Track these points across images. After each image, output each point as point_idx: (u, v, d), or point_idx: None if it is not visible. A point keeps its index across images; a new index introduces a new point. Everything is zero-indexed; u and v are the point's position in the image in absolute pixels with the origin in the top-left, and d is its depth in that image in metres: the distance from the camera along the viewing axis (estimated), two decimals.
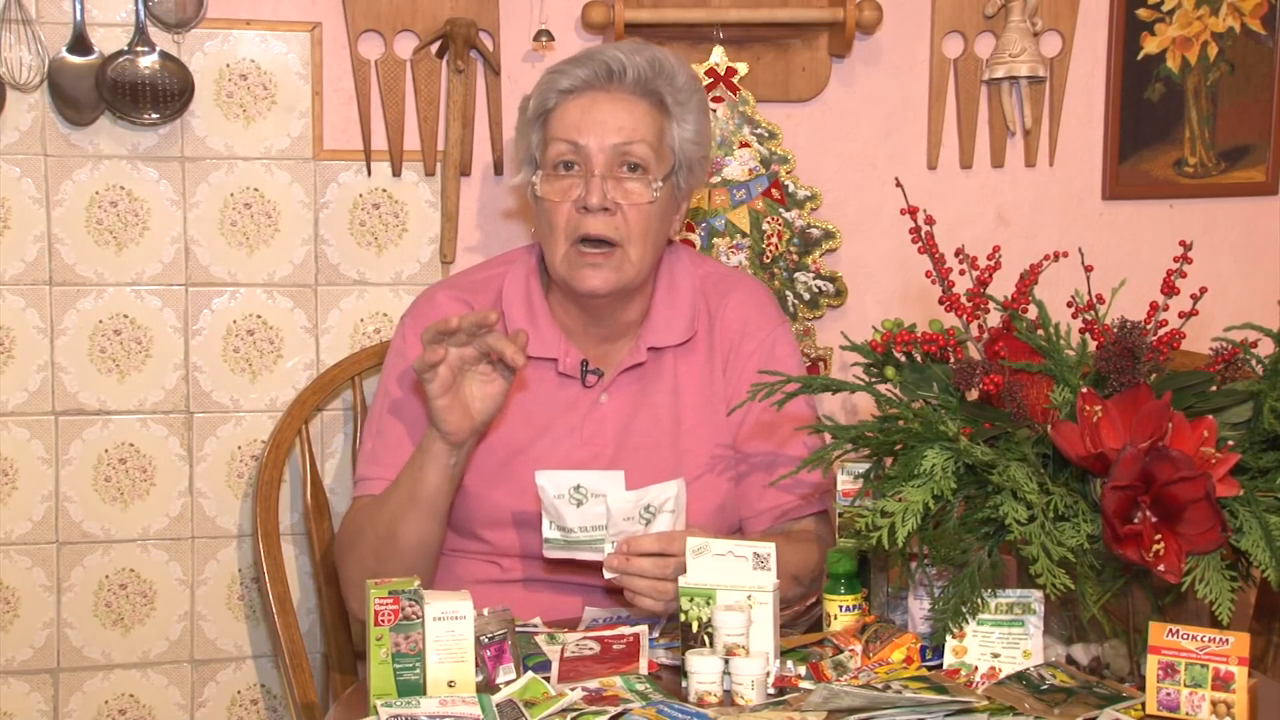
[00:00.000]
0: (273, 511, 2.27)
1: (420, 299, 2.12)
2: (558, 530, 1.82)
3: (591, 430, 2.01)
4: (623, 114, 1.97)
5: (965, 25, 2.57)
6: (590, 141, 1.96)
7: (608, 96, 1.98)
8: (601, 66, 1.98)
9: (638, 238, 1.97)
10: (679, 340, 2.06)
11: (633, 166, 1.97)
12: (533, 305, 2.05)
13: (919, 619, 1.75)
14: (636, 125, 1.97)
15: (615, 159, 1.97)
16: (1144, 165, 2.66)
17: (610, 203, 1.95)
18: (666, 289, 2.08)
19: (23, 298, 2.31)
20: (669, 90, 2.00)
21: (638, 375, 2.05)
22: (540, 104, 2.02)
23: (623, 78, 1.98)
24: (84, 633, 2.37)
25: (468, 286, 2.09)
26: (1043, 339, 1.76)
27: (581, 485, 1.81)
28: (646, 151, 1.97)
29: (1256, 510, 1.60)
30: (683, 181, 2.05)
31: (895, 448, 1.73)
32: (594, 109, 1.97)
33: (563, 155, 1.98)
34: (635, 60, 1.98)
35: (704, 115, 2.06)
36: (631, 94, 1.99)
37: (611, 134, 1.96)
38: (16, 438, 2.32)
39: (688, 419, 2.04)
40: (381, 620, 1.58)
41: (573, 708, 1.56)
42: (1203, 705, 1.56)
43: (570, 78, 1.99)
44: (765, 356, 2.06)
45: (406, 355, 2.04)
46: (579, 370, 2.03)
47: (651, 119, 1.99)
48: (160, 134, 2.33)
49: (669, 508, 1.81)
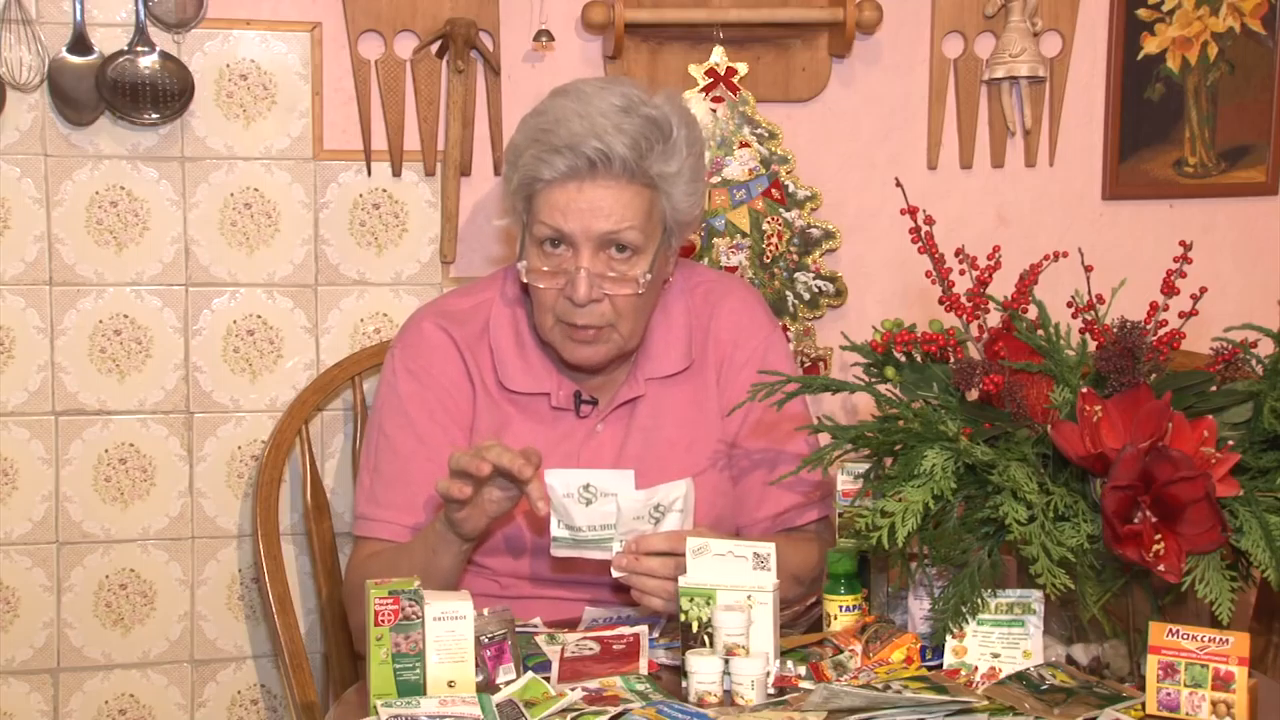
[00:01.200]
0: (273, 511, 2.27)
1: (408, 329, 2.08)
2: (566, 529, 1.81)
3: (589, 458, 2.00)
4: (611, 201, 1.90)
5: (965, 25, 2.57)
6: (575, 228, 1.90)
7: (593, 184, 1.90)
8: (583, 160, 1.88)
9: (629, 317, 1.95)
10: (676, 370, 2.05)
11: (621, 248, 1.93)
12: (521, 339, 2.03)
13: (919, 619, 1.75)
14: (624, 212, 1.90)
15: (603, 244, 1.92)
16: (1144, 165, 2.66)
17: (597, 294, 1.92)
18: (662, 318, 2.06)
19: (23, 298, 2.31)
20: (658, 164, 1.92)
21: (632, 404, 2.04)
22: (522, 184, 1.95)
23: (610, 166, 1.89)
24: (84, 633, 2.37)
25: (455, 317, 2.06)
26: (1043, 339, 1.76)
27: (591, 484, 1.81)
28: (636, 236, 1.92)
29: (1256, 510, 1.60)
30: (675, 241, 2.01)
31: (895, 448, 1.73)
32: (579, 197, 1.90)
33: (548, 236, 1.93)
34: (618, 150, 1.88)
35: (698, 174, 1.99)
36: (619, 180, 1.90)
37: (599, 222, 1.90)
38: (16, 438, 2.32)
39: (683, 439, 2.04)
40: (381, 620, 1.58)
41: (573, 708, 1.56)
42: (1203, 705, 1.56)
43: (552, 169, 1.90)
44: (759, 364, 2.04)
45: (398, 389, 2.03)
46: (572, 403, 2.03)
47: (640, 200, 1.92)
48: (160, 134, 2.33)
49: (678, 507, 1.80)
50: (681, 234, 2.02)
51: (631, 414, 2.04)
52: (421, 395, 2.02)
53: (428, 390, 2.02)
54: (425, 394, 2.02)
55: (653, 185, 1.94)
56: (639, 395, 2.03)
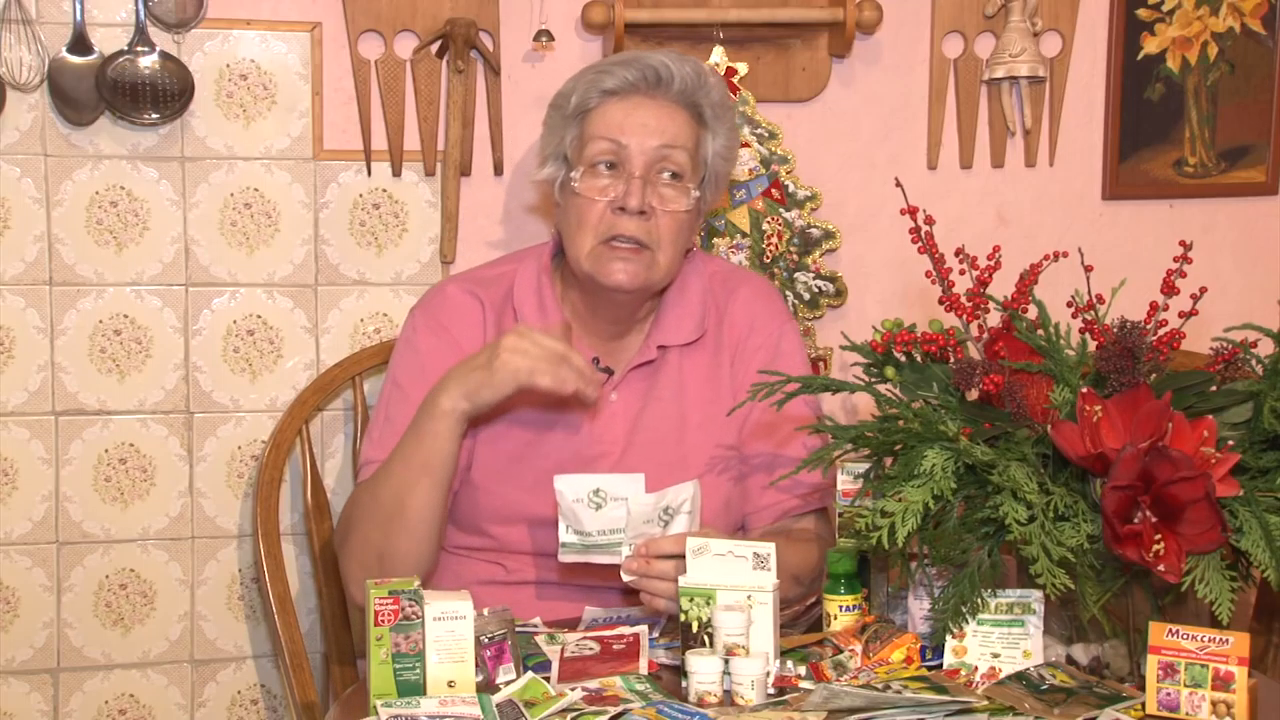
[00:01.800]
0: (273, 511, 2.27)
1: (432, 292, 2.13)
2: (575, 535, 1.81)
3: (601, 427, 2.01)
4: (666, 119, 1.99)
5: (965, 25, 2.57)
6: (632, 142, 1.97)
7: (651, 102, 2.00)
8: (650, 70, 1.99)
9: (668, 243, 1.99)
10: (689, 339, 2.06)
11: (672, 174, 1.99)
12: (544, 303, 2.05)
13: (919, 619, 1.75)
14: (678, 132, 2.00)
15: (655, 163, 1.98)
16: (1144, 165, 2.66)
17: (647, 206, 1.96)
18: (677, 287, 2.08)
19: (23, 298, 2.31)
20: (708, 103, 2.03)
21: (647, 373, 2.05)
22: (582, 102, 2.02)
23: (670, 85, 2.00)
24: (84, 633, 2.37)
25: (479, 281, 2.10)
26: (1043, 339, 1.76)
27: (601, 489, 1.80)
28: (685, 159, 2.00)
29: (1256, 510, 1.60)
30: (709, 194, 2.07)
31: (895, 448, 1.73)
32: (637, 111, 1.99)
33: (603, 154, 1.99)
34: (682, 69, 2.00)
35: (734, 133, 2.10)
36: (674, 102, 2.00)
37: (654, 137, 1.98)
38: (16, 438, 2.32)
39: (695, 415, 2.05)
40: (381, 620, 1.58)
41: (573, 708, 1.56)
42: (1203, 705, 1.56)
43: (615, 78, 2.00)
44: (772, 352, 2.07)
45: (417, 347, 2.05)
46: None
47: (691, 129, 2.02)
48: (160, 134, 2.33)
49: (686, 509, 1.80)
50: (714, 190, 2.09)
51: (648, 384, 2.04)
52: (439, 350, 2.03)
53: (446, 347, 2.03)
54: (443, 349, 2.03)
55: (702, 119, 2.03)
56: (650, 360, 2.04)
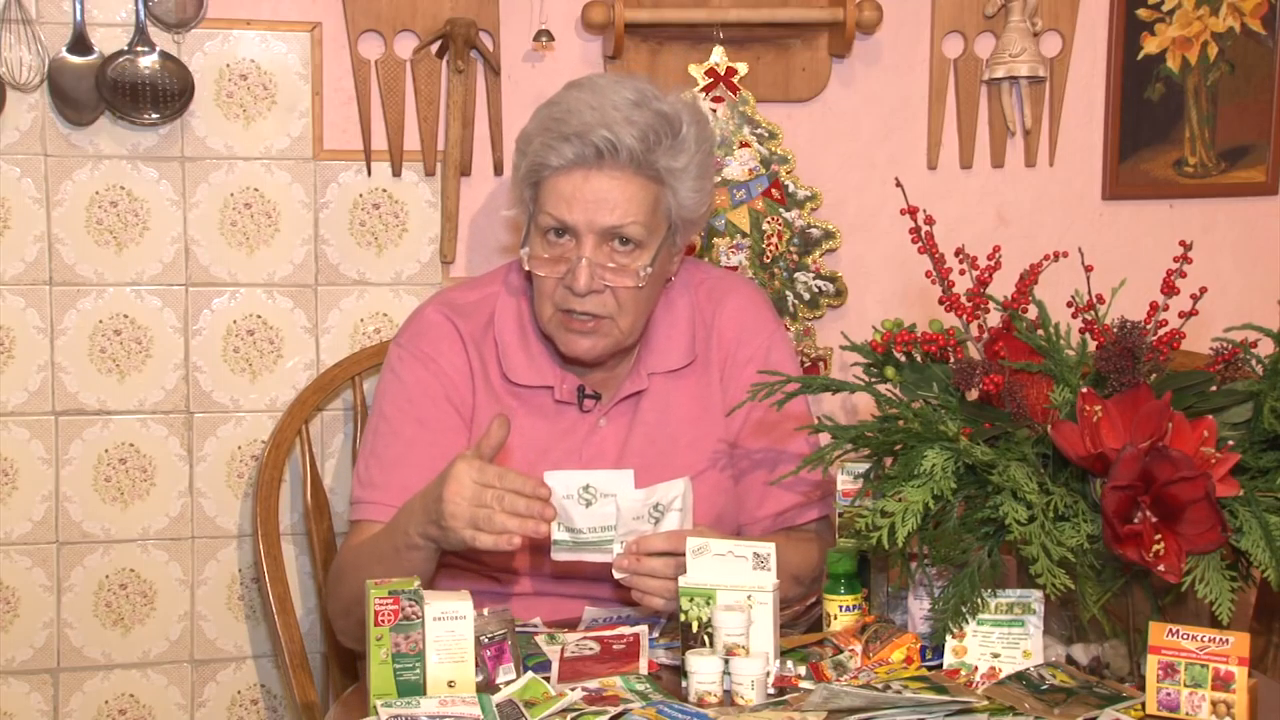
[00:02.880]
0: (273, 511, 2.27)
1: (414, 318, 2.09)
2: (566, 532, 1.81)
3: (591, 454, 2.01)
4: (615, 193, 1.91)
5: (965, 25, 2.57)
6: (579, 220, 1.91)
7: (600, 175, 1.90)
8: (591, 148, 1.89)
9: (628, 310, 1.95)
10: (679, 365, 2.05)
11: (624, 240, 1.93)
12: (526, 333, 2.03)
13: (919, 619, 1.75)
14: (629, 206, 1.91)
15: (606, 236, 1.92)
16: (1144, 165, 2.66)
17: (598, 285, 1.92)
18: (665, 311, 2.06)
19: (23, 298, 2.31)
20: (666, 159, 1.93)
21: (636, 398, 2.04)
22: (530, 171, 1.96)
23: (617, 156, 1.90)
24: (84, 633, 2.37)
25: (460, 309, 2.06)
26: (1043, 339, 1.76)
27: (591, 485, 1.80)
28: (639, 230, 1.92)
29: (1256, 510, 1.60)
30: (679, 239, 2.01)
31: (895, 448, 1.73)
32: (585, 186, 1.91)
33: (552, 225, 1.93)
34: (626, 140, 1.89)
35: (706, 172, 1.99)
36: (624, 170, 1.91)
37: (604, 214, 1.91)
38: (16, 438, 2.32)
39: (685, 435, 2.04)
40: (381, 620, 1.58)
41: (573, 708, 1.56)
42: (1203, 705, 1.56)
43: (560, 156, 1.91)
44: (762, 362, 2.05)
45: (401, 375, 2.03)
46: (575, 396, 2.03)
47: (645, 194, 1.92)
48: (160, 134, 2.33)
49: (677, 506, 1.80)
50: (687, 232, 2.02)
51: (634, 409, 2.04)
52: (425, 381, 2.01)
53: (432, 376, 2.02)
54: (429, 379, 2.01)
55: (659, 180, 1.94)
56: (642, 389, 2.03)
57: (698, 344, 2.07)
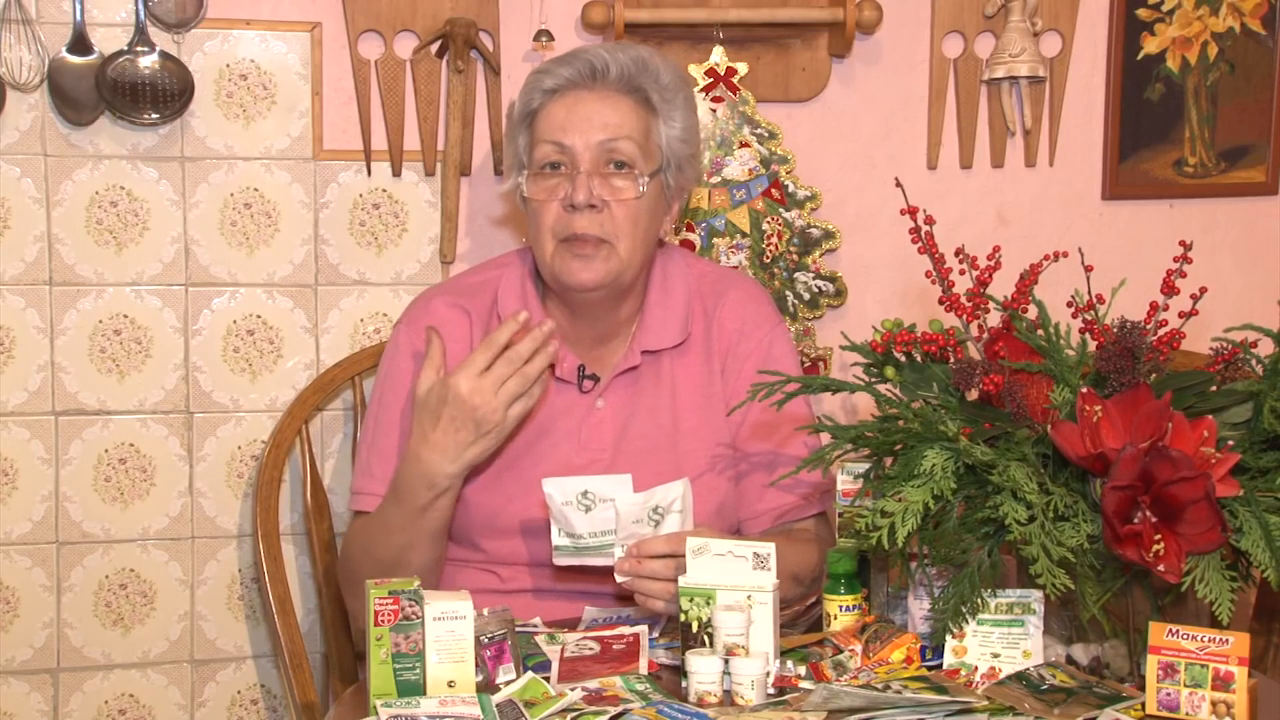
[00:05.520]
0: (273, 511, 2.27)
1: (415, 305, 2.11)
2: (567, 537, 1.81)
3: (589, 434, 2.01)
4: (608, 111, 1.97)
5: (965, 25, 2.57)
6: (576, 140, 1.96)
7: (592, 95, 1.98)
8: (585, 65, 1.98)
9: (626, 233, 1.97)
10: (673, 343, 2.05)
11: (619, 164, 1.97)
12: (530, 308, 2.04)
13: (919, 619, 1.75)
14: (622, 122, 1.97)
15: (601, 157, 1.96)
16: (1144, 165, 2.66)
17: (597, 199, 1.95)
18: (660, 290, 2.07)
19: (23, 298, 2.31)
20: (654, 88, 2.00)
21: (634, 378, 2.04)
22: (525, 105, 2.02)
23: (606, 75, 1.98)
24: (84, 633, 2.37)
25: (463, 291, 2.09)
26: (1043, 339, 1.76)
27: (589, 490, 1.81)
28: (632, 148, 1.97)
29: (1256, 510, 1.60)
30: (672, 180, 2.04)
31: (895, 448, 1.73)
32: (579, 107, 1.97)
33: (549, 156, 1.98)
34: (619, 58, 1.98)
35: (691, 113, 2.06)
36: (616, 91, 1.98)
37: (597, 131, 1.96)
38: (16, 438, 2.32)
39: (686, 421, 2.04)
40: (381, 620, 1.58)
41: (573, 708, 1.56)
42: (1203, 705, 1.56)
43: (554, 77, 1.99)
44: (763, 357, 2.06)
45: (400, 366, 2.04)
46: (575, 375, 2.03)
47: (637, 116, 1.99)
48: (160, 134, 2.33)
49: (676, 508, 1.80)
50: (679, 175, 2.05)
51: (632, 389, 2.04)
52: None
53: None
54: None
55: (649, 105, 2.01)
56: (635, 365, 2.04)
57: (693, 324, 2.07)
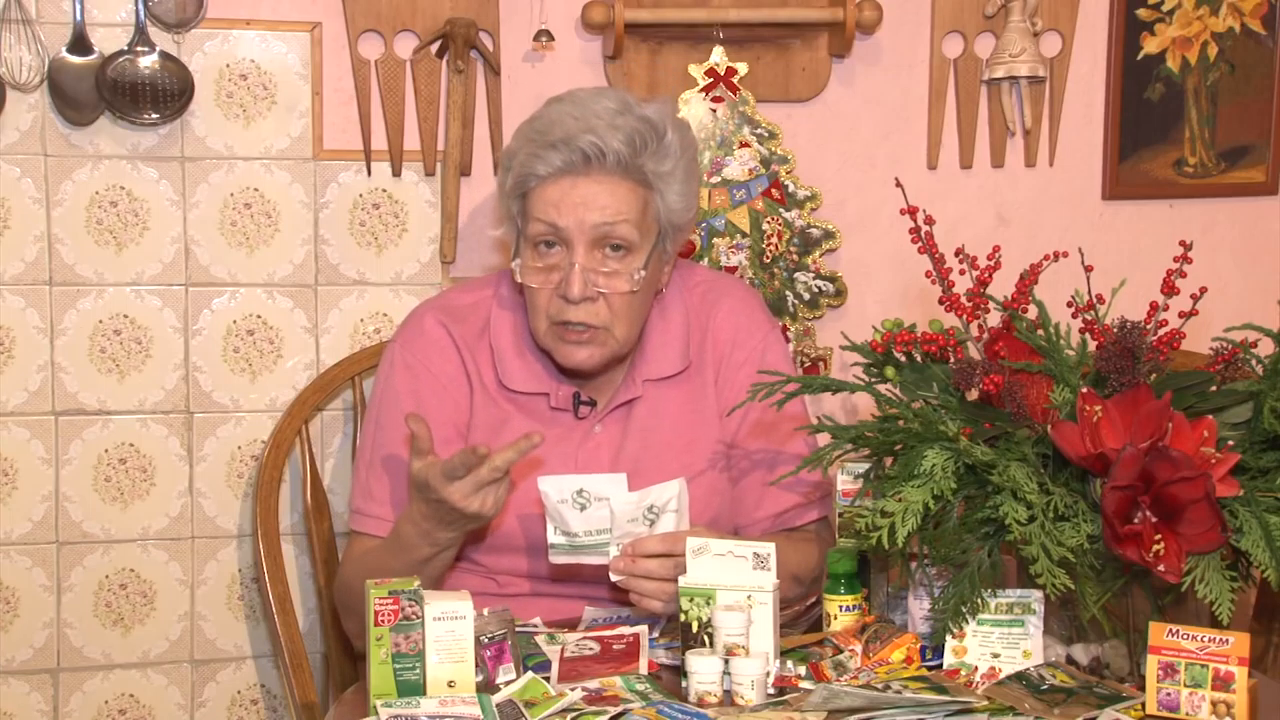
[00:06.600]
0: (273, 511, 2.27)
1: (410, 323, 2.09)
2: (562, 535, 1.82)
3: (586, 459, 2.00)
4: (605, 195, 1.92)
5: (965, 25, 2.57)
6: (570, 223, 1.91)
7: (587, 180, 1.92)
8: (578, 154, 1.90)
9: (623, 318, 1.95)
10: (674, 371, 2.05)
11: (615, 246, 1.93)
12: (520, 340, 2.03)
13: (919, 619, 1.75)
14: (619, 206, 1.92)
15: (597, 240, 1.92)
16: (1144, 165, 2.66)
17: (592, 292, 1.92)
18: (659, 319, 2.06)
19: (23, 298, 2.31)
20: (652, 163, 1.94)
21: (630, 405, 2.04)
22: (519, 183, 1.97)
23: (604, 161, 1.91)
24: (84, 633, 2.37)
25: (455, 313, 2.06)
26: (1043, 339, 1.76)
27: (584, 489, 1.81)
28: (629, 230, 1.93)
29: (1256, 510, 1.60)
30: (670, 246, 2.01)
31: (895, 448, 1.73)
32: (573, 191, 1.91)
33: (544, 234, 1.93)
34: (613, 145, 1.90)
35: (691, 177, 2.00)
36: (612, 175, 1.92)
37: (593, 214, 1.91)
38: (16, 438, 2.32)
39: (679, 440, 2.04)
40: (381, 620, 1.58)
41: (573, 708, 1.56)
42: (1203, 705, 1.56)
43: (546, 164, 1.92)
44: (758, 364, 2.04)
45: (395, 384, 2.03)
46: (571, 403, 2.03)
47: (634, 196, 1.93)
48: (160, 134, 2.33)
49: (672, 507, 1.81)
50: (676, 238, 2.02)
51: (629, 415, 2.04)
52: (418, 391, 2.02)
53: (424, 386, 2.02)
54: (422, 390, 2.02)
55: (647, 183, 1.95)
56: (636, 397, 2.03)
57: (692, 349, 2.07)
